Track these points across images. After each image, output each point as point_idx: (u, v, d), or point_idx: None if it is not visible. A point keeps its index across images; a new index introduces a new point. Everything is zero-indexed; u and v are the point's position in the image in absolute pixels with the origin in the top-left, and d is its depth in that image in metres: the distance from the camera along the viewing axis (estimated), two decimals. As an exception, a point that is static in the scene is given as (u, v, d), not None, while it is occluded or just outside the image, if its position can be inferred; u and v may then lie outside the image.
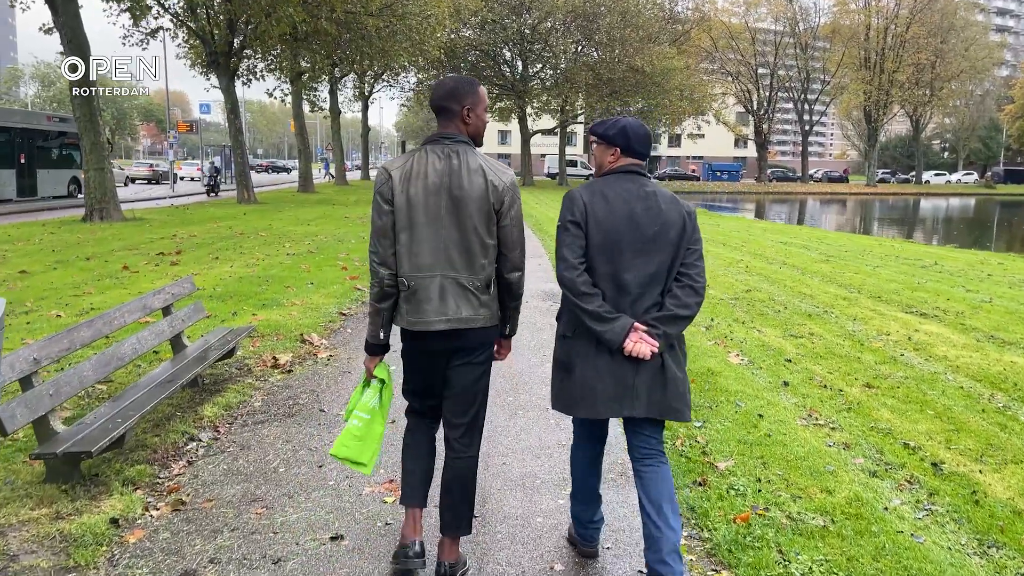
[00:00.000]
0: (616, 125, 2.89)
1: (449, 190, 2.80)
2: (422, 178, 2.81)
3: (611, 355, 2.78)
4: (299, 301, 8.58)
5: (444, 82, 2.95)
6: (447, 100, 2.88)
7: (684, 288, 2.81)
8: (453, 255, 2.82)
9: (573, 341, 2.89)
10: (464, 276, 2.84)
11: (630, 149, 2.90)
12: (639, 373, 2.77)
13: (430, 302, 2.83)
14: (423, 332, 2.87)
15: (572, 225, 2.82)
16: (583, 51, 52.70)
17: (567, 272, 2.80)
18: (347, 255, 12.83)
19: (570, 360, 2.89)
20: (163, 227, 17.54)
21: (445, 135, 2.88)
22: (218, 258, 12.10)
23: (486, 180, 2.82)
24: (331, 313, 8.07)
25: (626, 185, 2.86)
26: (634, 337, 2.73)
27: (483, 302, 2.87)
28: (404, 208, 2.82)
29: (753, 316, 8.20)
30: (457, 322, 2.84)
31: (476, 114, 2.92)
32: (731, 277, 11.08)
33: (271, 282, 9.88)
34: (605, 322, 2.74)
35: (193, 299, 6.38)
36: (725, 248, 15.64)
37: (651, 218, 2.80)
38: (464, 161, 2.83)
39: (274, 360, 6.25)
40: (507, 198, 2.86)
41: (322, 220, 20.68)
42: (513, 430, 4.78)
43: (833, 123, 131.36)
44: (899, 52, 66.31)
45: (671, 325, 2.77)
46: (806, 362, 6.32)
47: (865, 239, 21.48)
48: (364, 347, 3.12)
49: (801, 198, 62.72)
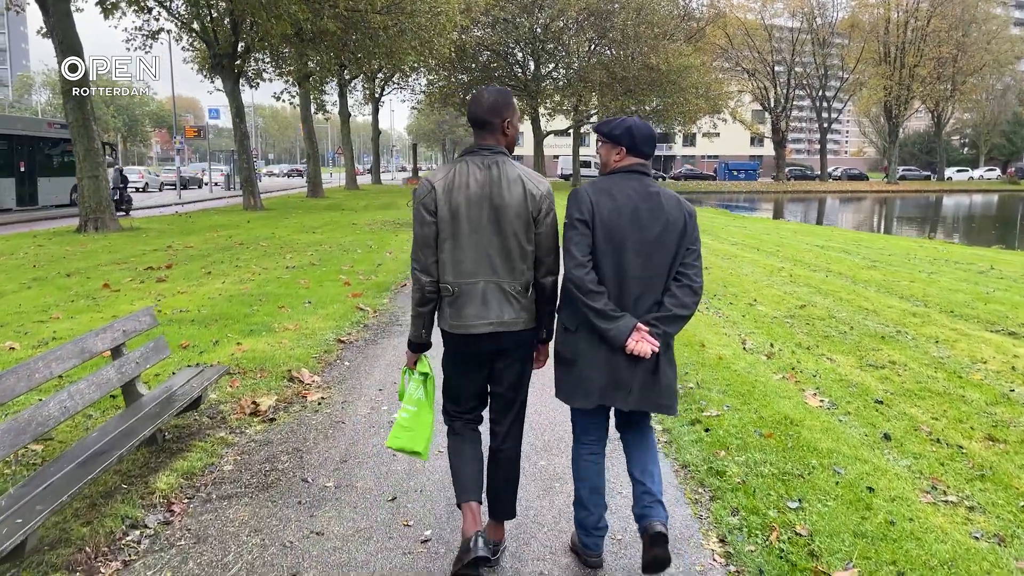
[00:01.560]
0: (622, 125, 2.95)
1: (490, 199, 2.90)
2: (464, 189, 2.90)
3: (611, 351, 2.85)
4: (292, 325, 7.52)
5: (483, 96, 3.00)
6: (489, 115, 2.97)
7: (683, 288, 2.87)
8: (495, 261, 2.92)
9: (575, 335, 2.94)
10: (506, 281, 2.94)
11: (635, 148, 2.95)
12: (635, 370, 2.86)
13: (473, 306, 2.94)
14: (466, 335, 2.96)
15: (580, 223, 2.86)
16: (596, 49, 51.53)
17: (576, 270, 2.84)
18: (351, 267, 11.77)
19: (573, 353, 2.95)
20: (160, 237, 16.56)
21: (484, 146, 2.98)
22: (210, 272, 11.07)
23: (524, 189, 2.92)
24: (327, 341, 6.99)
25: (631, 184, 2.91)
26: (636, 336, 2.79)
27: (523, 305, 2.98)
28: (448, 218, 2.91)
29: (817, 339, 7.05)
30: (499, 325, 2.95)
31: (513, 125, 3.04)
32: (778, 289, 9.92)
33: (264, 301, 8.83)
34: (610, 320, 2.80)
35: (154, 334, 5.33)
36: (760, 254, 14.46)
37: (655, 218, 2.84)
38: (504, 172, 2.93)
39: (254, 406, 5.18)
40: (544, 206, 2.96)
41: (328, 227, 19.67)
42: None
43: (849, 120, 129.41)
44: (920, 46, 64.69)
45: (671, 324, 2.84)
46: (901, 403, 5.17)
47: (904, 240, 20.22)
48: (407, 345, 3.17)
49: (821, 196, 61.28)
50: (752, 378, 5.66)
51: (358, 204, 31.88)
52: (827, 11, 72.24)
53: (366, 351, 6.74)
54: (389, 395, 5.45)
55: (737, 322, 7.75)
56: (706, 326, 7.49)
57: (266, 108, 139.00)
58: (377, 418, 5.00)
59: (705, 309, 8.42)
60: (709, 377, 5.69)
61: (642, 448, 3.07)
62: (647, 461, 3.03)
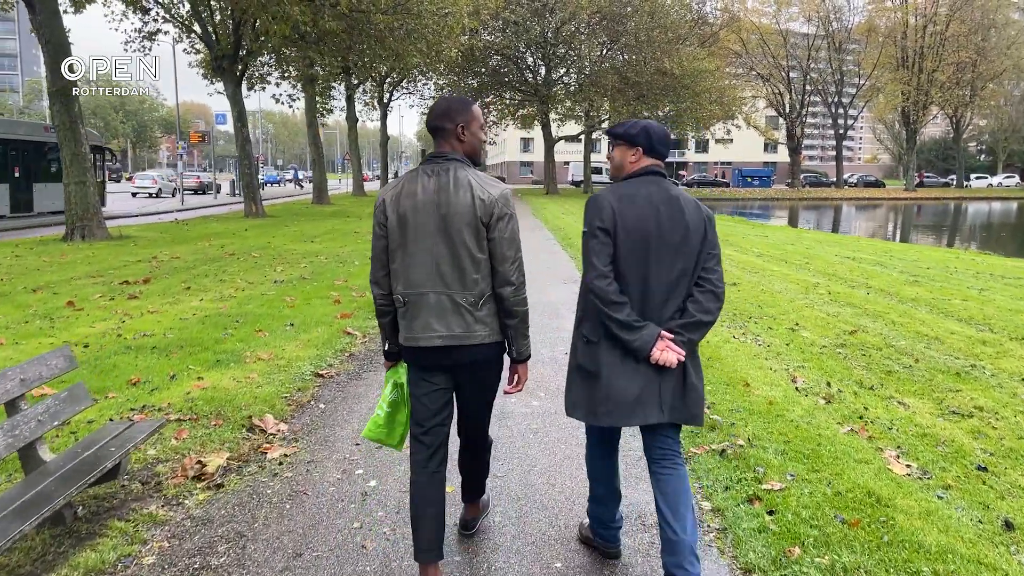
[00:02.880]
0: (637, 125, 2.90)
1: (437, 207, 2.79)
2: (411, 197, 2.82)
3: (636, 362, 2.76)
4: (267, 354, 6.51)
5: (438, 102, 2.95)
6: (441, 120, 2.89)
7: (706, 293, 2.79)
8: (445, 271, 2.81)
9: (598, 347, 2.84)
10: (457, 292, 2.82)
11: (652, 149, 2.88)
12: (663, 380, 2.78)
13: (421, 318, 2.84)
14: (417, 348, 2.87)
15: (601, 232, 2.77)
16: (608, 54, 50.51)
17: (598, 281, 2.76)
18: (345, 281, 10.77)
19: (596, 365, 2.83)
20: (148, 247, 15.62)
21: (438, 154, 2.89)
22: (190, 288, 10.09)
23: (473, 195, 2.78)
24: (304, 375, 5.98)
25: (651, 189, 2.82)
26: (661, 346, 2.72)
27: (478, 318, 2.84)
28: (396, 228, 2.84)
29: (879, 376, 5.98)
30: (450, 339, 2.83)
31: (471, 132, 2.91)
32: (819, 310, 8.84)
33: (242, 323, 7.84)
34: (633, 331, 2.72)
35: (72, 379, 4.33)
36: (790, 267, 13.37)
37: (676, 223, 2.77)
38: (452, 177, 2.81)
39: (199, 466, 4.16)
40: (495, 211, 2.80)
41: (328, 236, 18.70)
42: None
43: (862, 127, 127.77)
44: (939, 51, 63.38)
45: (695, 331, 2.76)
46: (1008, 469, 4.10)
47: (937, 251, 19.06)
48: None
49: (838, 204, 60.00)
50: (814, 431, 4.61)
51: (363, 211, 30.95)
52: (843, 15, 71.03)
53: (347, 389, 5.72)
54: (366, 452, 4.43)
55: (781, 352, 6.69)
56: (747, 358, 6.43)
57: (276, 114, 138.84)
58: (349, 488, 3.97)
59: (742, 335, 7.36)
60: (762, 430, 4.64)
61: (676, 488, 2.84)
62: (680, 504, 2.81)
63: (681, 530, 2.74)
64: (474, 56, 45.18)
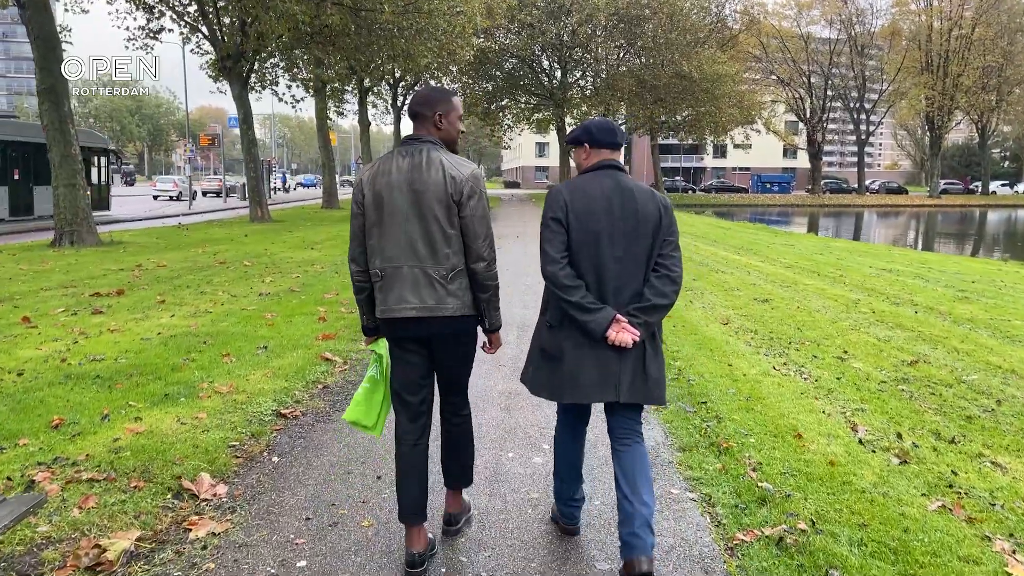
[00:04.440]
0: (580, 126, 3.07)
1: (410, 184, 2.91)
2: (386, 175, 2.95)
3: (596, 344, 2.88)
4: (227, 386, 5.55)
5: (421, 91, 3.08)
6: (420, 106, 3.03)
7: (662, 278, 2.91)
8: (418, 246, 2.93)
9: (559, 331, 2.98)
10: (429, 266, 2.94)
11: (596, 141, 3.01)
12: (622, 361, 2.89)
13: (396, 291, 2.96)
14: (394, 319, 3.00)
15: (553, 222, 2.92)
16: (626, 57, 49.46)
17: (550, 266, 2.91)
18: (336, 294, 9.81)
19: (558, 349, 2.97)
20: (137, 254, 14.76)
21: (413, 137, 3.03)
22: (165, 301, 9.17)
23: (444, 173, 2.91)
24: (263, 414, 5.01)
25: (604, 181, 2.95)
26: (616, 327, 2.83)
27: (450, 291, 2.96)
28: (372, 206, 2.97)
29: (958, 422, 4.92)
30: (423, 310, 2.95)
31: (448, 120, 3.05)
32: (866, 333, 7.78)
33: (210, 344, 6.89)
34: (589, 312, 2.84)
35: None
36: (824, 280, 12.28)
37: (629, 212, 2.89)
38: (425, 157, 2.94)
39: (97, 552, 3.20)
40: (466, 189, 2.93)
41: (330, 243, 17.80)
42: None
43: (882, 133, 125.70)
44: (964, 55, 61.81)
45: (651, 314, 2.88)
46: None
47: (977, 263, 17.88)
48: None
49: (860, 211, 58.59)
50: (895, 508, 3.57)
51: (372, 216, 30.08)
52: (866, 18, 69.58)
53: (311, 434, 4.74)
54: (316, 533, 3.44)
55: (832, 389, 5.65)
56: (792, 397, 5.39)
57: (292, 118, 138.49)
58: (284, 590, 2.99)
59: (783, 366, 6.32)
60: (827, 505, 3.61)
61: (633, 462, 2.97)
62: (637, 477, 2.92)
63: (638, 502, 2.85)
64: (488, 59, 44.33)
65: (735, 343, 7.14)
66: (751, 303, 9.56)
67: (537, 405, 5.17)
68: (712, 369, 6.08)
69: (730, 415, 4.93)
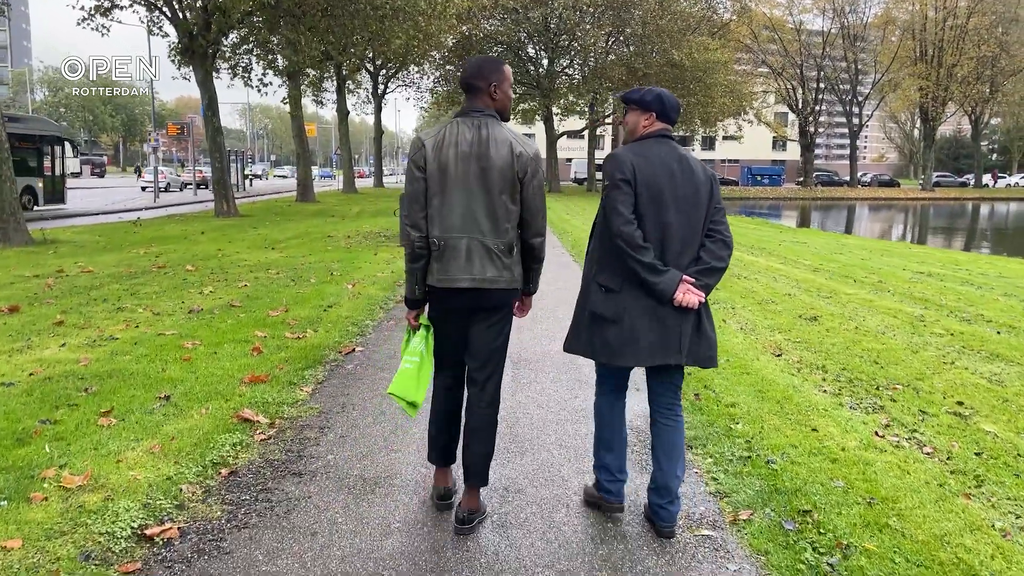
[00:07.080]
0: (652, 92, 3.07)
1: (478, 158, 2.96)
2: (453, 147, 2.97)
3: (657, 307, 2.92)
4: (80, 476, 3.67)
5: (472, 62, 3.10)
6: (474, 78, 3.06)
7: (717, 242, 3.00)
8: (480, 219, 2.97)
9: (618, 295, 2.98)
10: (490, 239, 2.98)
11: (664, 115, 3.07)
12: (683, 325, 2.94)
13: (457, 261, 2.99)
14: (449, 289, 3.02)
15: (623, 183, 2.93)
16: (614, 45, 47.62)
17: (625, 227, 2.89)
18: (286, 311, 7.92)
19: (616, 313, 2.97)
20: (67, 256, 12.78)
21: (474, 108, 3.06)
22: (63, 322, 7.26)
23: (511, 150, 2.98)
24: (115, 535, 3.13)
25: (663, 148, 3.02)
26: (683, 288, 2.88)
27: (506, 264, 3.02)
28: (436, 174, 2.98)
29: None
30: (481, 281, 2.99)
31: (502, 90, 3.10)
32: (966, 370, 5.98)
33: (91, 395, 5.01)
34: (658, 273, 2.88)
35: None
36: (864, 288, 10.51)
37: (687, 179, 2.97)
38: (491, 132, 2.99)
39: None
40: (531, 167, 3.02)
41: (296, 241, 15.88)
42: None
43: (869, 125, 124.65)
44: (959, 44, 60.43)
45: (711, 276, 2.96)
46: None
47: (1014, 263, 16.18)
48: (404, 302, 3.19)
49: (852, 204, 57.23)
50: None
51: (350, 210, 28.18)
52: (859, 6, 68.04)
53: (196, 566, 2.88)
54: None
55: (980, 475, 3.86)
56: (930, 493, 3.59)
57: (273, 110, 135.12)
58: None
59: (885, 428, 4.52)
60: None
61: (675, 440, 3.08)
62: (675, 453, 3.06)
63: (671, 473, 3.05)
64: (472, 45, 42.40)
65: (804, 388, 5.33)
66: (798, 322, 7.78)
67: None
68: (794, 439, 4.25)
69: (857, 538, 3.12)
